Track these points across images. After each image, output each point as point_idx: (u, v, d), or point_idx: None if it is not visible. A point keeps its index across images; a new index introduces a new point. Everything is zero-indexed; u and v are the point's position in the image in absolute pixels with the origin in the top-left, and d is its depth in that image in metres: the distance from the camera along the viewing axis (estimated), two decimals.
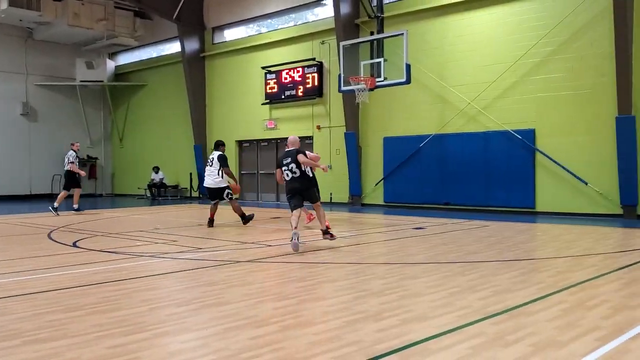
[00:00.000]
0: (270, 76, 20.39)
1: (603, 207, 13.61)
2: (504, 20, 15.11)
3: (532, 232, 10.98)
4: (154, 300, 5.32)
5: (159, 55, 25.72)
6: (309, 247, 8.89)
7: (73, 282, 6.17)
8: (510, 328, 4.24)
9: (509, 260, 7.43)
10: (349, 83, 14.79)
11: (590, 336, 4.04)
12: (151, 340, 4.04)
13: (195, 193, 23.52)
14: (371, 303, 5.07)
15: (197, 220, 14.21)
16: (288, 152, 9.26)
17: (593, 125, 13.74)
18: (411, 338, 4.01)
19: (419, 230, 11.17)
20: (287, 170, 9.10)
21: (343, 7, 17.35)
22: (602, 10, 13.52)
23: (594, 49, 13.69)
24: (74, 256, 8.15)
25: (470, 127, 15.78)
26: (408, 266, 7.08)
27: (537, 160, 14.61)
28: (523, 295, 5.31)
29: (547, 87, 14.43)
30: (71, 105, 26.34)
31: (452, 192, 16.09)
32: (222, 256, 7.99)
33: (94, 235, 10.64)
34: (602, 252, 8.05)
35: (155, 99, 25.54)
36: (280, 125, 20.57)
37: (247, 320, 4.54)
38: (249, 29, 21.97)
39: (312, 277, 6.42)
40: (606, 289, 5.63)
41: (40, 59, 25.40)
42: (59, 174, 25.90)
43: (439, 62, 16.26)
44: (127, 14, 24.66)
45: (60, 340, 4.03)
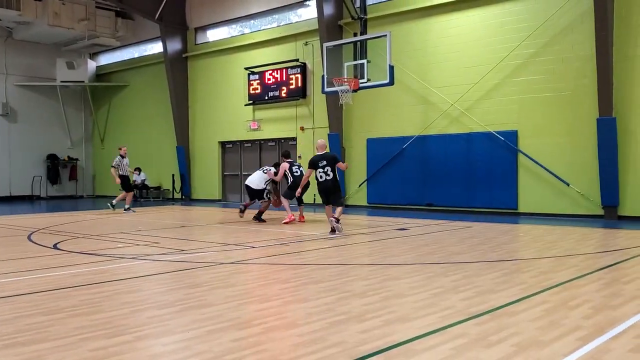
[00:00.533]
0: (254, 77, 20.33)
1: (584, 208, 13.77)
2: (486, 22, 15.23)
3: (515, 233, 11.07)
4: (136, 302, 5.26)
5: (141, 55, 25.52)
6: (292, 249, 8.87)
7: (54, 284, 6.08)
8: (493, 328, 4.26)
9: (492, 260, 7.48)
10: (332, 84, 14.80)
11: (572, 336, 4.08)
12: (133, 343, 4.00)
13: (177, 194, 23.36)
14: (354, 304, 5.06)
15: (179, 221, 14.12)
16: (323, 156, 11.01)
17: (574, 126, 13.90)
18: (395, 339, 4.01)
19: (402, 231, 11.20)
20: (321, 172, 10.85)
21: (326, 8, 17.37)
22: (583, 13, 13.69)
23: (575, 51, 13.85)
24: (54, 258, 8.04)
25: (453, 129, 15.87)
26: (391, 267, 7.10)
27: (520, 161, 14.74)
28: (506, 296, 5.34)
29: (529, 88, 14.57)
30: (52, 106, 26.02)
31: (435, 193, 16.17)
32: (204, 258, 7.93)
33: (75, 237, 10.52)
34: (584, 253, 8.13)
35: (137, 100, 25.33)
36: (264, 126, 20.52)
37: (230, 322, 4.51)
38: (232, 29, 21.90)
39: (296, 278, 6.40)
40: (588, 289, 5.69)
41: (20, 58, 25.06)
42: (39, 175, 25.62)
43: (422, 63, 16.34)
44: (108, 14, 24.45)
45: (42, 343, 3.97)
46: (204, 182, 22.67)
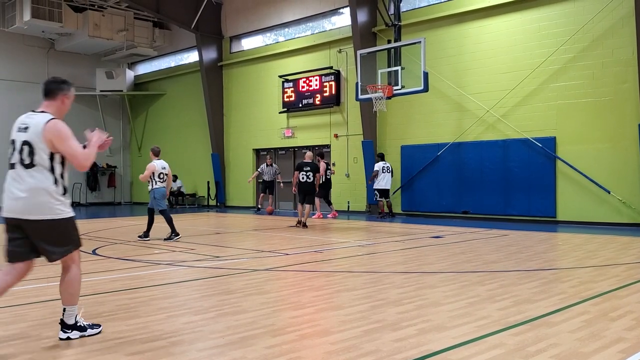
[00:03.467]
0: (288, 85, 20.46)
1: (626, 216, 13.39)
2: (523, 27, 15.00)
3: (553, 242, 10.83)
4: (172, 308, 5.32)
5: (178, 64, 25.98)
6: (325, 256, 8.86)
7: (92, 289, 6.20)
8: (531, 339, 4.17)
9: (530, 270, 7.32)
10: (366, 91, 14.78)
11: (613, 348, 3.95)
12: (168, 348, 4.04)
13: (212, 201, 23.63)
14: (389, 312, 5.02)
15: (214, 228, 14.26)
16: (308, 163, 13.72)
17: (615, 132, 13.54)
18: (430, 348, 3.96)
19: (437, 239, 11.07)
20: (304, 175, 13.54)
21: (360, 15, 17.38)
22: (623, 17, 13.37)
23: (615, 55, 13.52)
24: (93, 264, 8.21)
25: (489, 135, 15.65)
26: (426, 275, 7.01)
27: (558, 168, 14.43)
28: (544, 306, 5.22)
29: (567, 94, 14.27)
30: (91, 115, 26.68)
31: (470, 200, 15.95)
32: (239, 265, 7.99)
33: (113, 243, 10.72)
34: (626, 262, 7.90)
35: (174, 108, 25.76)
36: (298, 134, 20.61)
37: (264, 329, 4.52)
38: (267, 38, 22.10)
39: (329, 285, 6.38)
40: (630, 299, 5.51)
41: (61, 69, 25.76)
42: (79, 182, 26.27)
43: (457, 69, 16.18)
44: (146, 24, 24.97)
45: (80, 347, 4.05)
46: (239, 189, 22.87)
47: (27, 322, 4.78)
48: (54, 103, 4.28)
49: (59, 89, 4.31)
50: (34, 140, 4.07)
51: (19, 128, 4.17)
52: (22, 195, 4.06)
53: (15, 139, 4.15)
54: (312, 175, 13.58)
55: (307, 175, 13.56)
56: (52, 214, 4.11)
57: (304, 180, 13.57)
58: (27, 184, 4.06)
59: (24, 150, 4.09)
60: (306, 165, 13.69)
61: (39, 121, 4.10)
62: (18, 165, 4.11)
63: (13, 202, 4.09)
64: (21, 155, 4.10)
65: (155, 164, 11.19)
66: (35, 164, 4.08)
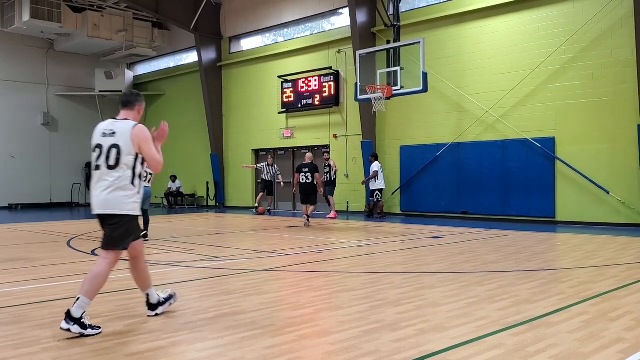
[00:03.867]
0: (287, 85, 20.46)
1: (625, 216, 13.40)
2: (522, 27, 15.01)
3: (552, 242, 10.83)
4: (170, 308, 5.31)
5: (177, 65, 25.98)
6: (325, 257, 8.86)
7: None
8: (531, 339, 4.17)
9: (529, 270, 7.33)
10: (365, 92, 14.78)
11: (613, 348, 3.95)
12: (167, 348, 4.04)
13: (211, 202, 23.63)
14: (388, 313, 5.02)
15: (213, 229, 14.26)
16: (307, 164, 14.21)
17: (614, 133, 13.56)
18: (429, 349, 3.96)
19: (436, 239, 11.08)
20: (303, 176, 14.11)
21: (359, 16, 17.39)
22: (622, 18, 13.38)
23: (614, 55, 13.53)
24: (92, 264, 8.19)
25: (488, 136, 15.66)
26: (425, 276, 7.02)
27: (557, 168, 14.44)
28: (543, 306, 5.22)
29: (566, 94, 14.28)
30: (91, 115, 26.66)
31: (469, 201, 15.96)
32: (238, 265, 7.99)
33: None
34: (625, 263, 7.90)
35: (173, 109, 25.75)
36: (297, 134, 20.61)
37: (263, 329, 4.52)
38: (266, 38, 22.10)
39: (329, 286, 6.38)
40: (629, 300, 5.51)
41: (60, 69, 25.81)
42: (78, 182, 26.26)
43: (456, 70, 16.19)
44: (145, 24, 24.97)
45: (79, 347, 4.04)
46: (238, 189, 22.87)
47: (26, 323, 4.77)
48: (132, 113, 4.90)
49: (136, 101, 4.96)
50: (122, 144, 4.60)
51: (104, 133, 4.69)
52: (105, 193, 4.60)
53: (102, 144, 4.66)
54: (312, 176, 14.08)
55: (306, 177, 14.09)
56: (124, 210, 4.63)
57: (303, 182, 14.11)
58: (109, 183, 4.59)
59: (112, 152, 4.61)
60: (305, 167, 14.21)
61: (126, 127, 4.66)
62: (103, 166, 4.62)
63: (98, 199, 4.63)
64: (108, 157, 4.61)
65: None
66: (120, 165, 4.60)
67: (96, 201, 4.64)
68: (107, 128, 4.70)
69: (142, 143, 4.66)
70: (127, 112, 4.88)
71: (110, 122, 4.77)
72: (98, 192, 4.62)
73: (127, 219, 4.66)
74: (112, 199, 4.58)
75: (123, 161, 4.59)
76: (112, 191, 4.58)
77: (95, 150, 4.68)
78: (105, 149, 4.63)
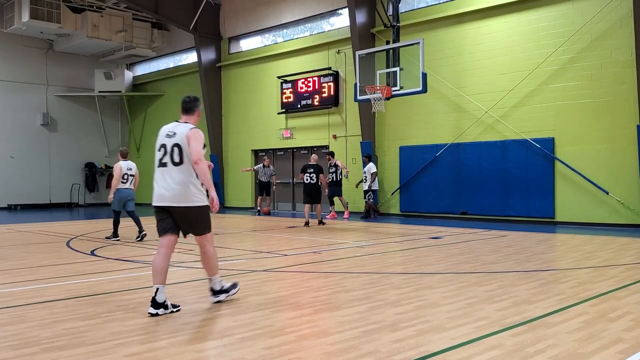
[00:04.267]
0: (286, 85, 20.47)
1: (624, 217, 13.40)
2: (521, 28, 15.02)
3: (552, 243, 10.83)
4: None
5: (176, 65, 25.98)
6: (324, 257, 8.86)
7: (91, 290, 6.20)
8: (530, 340, 4.17)
9: (529, 270, 7.33)
10: (365, 92, 14.78)
11: (612, 349, 3.95)
12: (167, 349, 4.04)
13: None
14: (387, 313, 5.02)
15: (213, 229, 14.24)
16: (312, 165, 14.41)
17: (614, 133, 13.56)
18: (428, 349, 3.96)
19: (435, 239, 11.08)
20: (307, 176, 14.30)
21: (359, 16, 17.39)
22: (621, 18, 13.39)
23: (614, 56, 13.54)
24: (91, 264, 8.21)
25: (487, 136, 15.67)
26: (424, 276, 7.02)
27: (557, 169, 14.45)
28: (543, 307, 5.22)
29: (566, 95, 14.29)
30: (90, 116, 26.71)
31: (469, 201, 15.96)
32: (238, 265, 7.98)
33: (112, 244, 10.72)
34: (624, 263, 7.91)
35: (172, 109, 25.70)
36: (296, 135, 20.61)
37: (262, 329, 4.52)
38: (265, 38, 22.10)
39: (328, 286, 6.38)
40: (628, 300, 5.52)
41: (60, 70, 25.80)
42: (77, 183, 26.25)
43: (456, 70, 16.20)
44: (145, 25, 24.98)
45: (79, 347, 4.04)
46: (238, 190, 22.86)
47: (26, 323, 4.77)
48: (192, 117, 5.56)
49: (196, 106, 5.63)
50: (182, 143, 5.19)
51: (167, 135, 5.31)
52: (173, 187, 5.17)
53: (166, 143, 5.26)
54: (316, 176, 14.28)
55: (310, 177, 14.27)
56: (195, 202, 5.23)
57: (307, 182, 14.28)
58: (177, 178, 5.17)
59: (175, 151, 5.20)
60: (310, 168, 14.39)
61: (185, 128, 5.30)
62: (169, 163, 5.21)
63: (165, 193, 5.20)
64: (172, 156, 5.20)
65: (122, 165, 11.23)
66: (183, 162, 5.19)
67: (166, 195, 5.19)
68: (170, 130, 5.33)
69: (192, 140, 5.20)
70: (188, 117, 5.52)
71: (173, 124, 5.40)
72: (167, 187, 5.19)
73: (201, 208, 5.29)
74: (183, 193, 5.16)
75: (185, 159, 5.18)
76: (182, 186, 5.16)
77: (160, 149, 5.28)
78: (169, 148, 5.22)
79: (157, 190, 5.27)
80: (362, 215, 17.01)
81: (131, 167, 11.28)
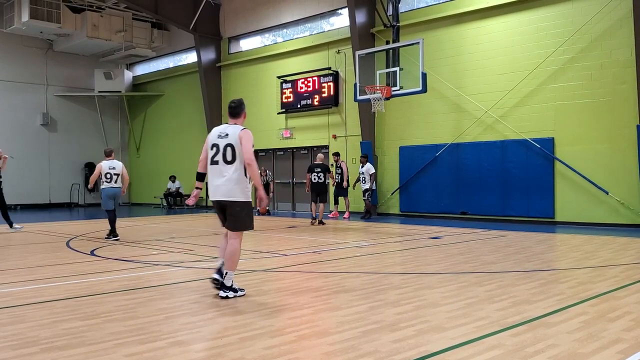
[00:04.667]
0: (286, 85, 20.46)
1: (624, 216, 13.40)
2: (521, 28, 15.02)
3: (552, 242, 10.84)
4: (170, 309, 5.32)
5: (176, 65, 25.98)
6: (324, 257, 8.86)
7: (90, 290, 6.20)
8: (530, 340, 4.17)
9: (528, 270, 7.33)
10: (364, 92, 14.78)
11: (612, 349, 3.95)
12: (167, 349, 4.04)
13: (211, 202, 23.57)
14: (387, 313, 5.02)
15: (212, 229, 14.25)
16: (319, 164, 14.82)
17: (613, 133, 13.56)
18: (428, 349, 3.96)
19: (435, 239, 11.08)
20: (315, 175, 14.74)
21: (359, 16, 17.39)
22: (621, 18, 13.39)
23: (613, 56, 13.54)
24: (91, 264, 8.20)
25: (487, 136, 15.67)
26: (424, 276, 7.02)
27: (557, 169, 14.45)
28: (543, 307, 5.22)
29: (566, 95, 14.29)
30: (90, 115, 26.69)
31: (469, 201, 15.96)
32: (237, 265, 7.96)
33: (112, 244, 10.72)
34: (624, 263, 7.91)
35: (172, 109, 25.76)
36: (296, 135, 20.61)
37: (262, 329, 4.52)
38: (265, 38, 22.10)
39: (328, 286, 6.38)
40: (628, 300, 5.52)
41: (59, 70, 25.78)
42: (77, 183, 26.24)
43: (456, 70, 16.20)
44: (144, 25, 24.97)
45: (78, 347, 4.04)
46: None
47: (26, 323, 4.77)
48: (239, 119, 6.03)
49: (241, 110, 6.08)
50: (235, 143, 5.72)
51: (219, 135, 5.84)
52: (225, 183, 5.73)
53: (218, 143, 5.81)
54: (323, 175, 14.77)
55: (318, 176, 14.74)
56: (239, 198, 5.75)
57: (315, 181, 14.74)
58: (228, 175, 5.72)
59: (227, 150, 5.75)
60: (317, 167, 14.85)
61: (236, 129, 5.81)
62: (221, 162, 5.76)
63: (218, 188, 5.79)
64: (224, 154, 5.74)
65: (103, 164, 11.39)
66: (234, 161, 5.72)
67: (219, 191, 5.77)
68: (222, 131, 5.86)
69: (244, 140, 5.72)
70: (236, 120, 6.00)
71: (224, 126, 5.92)
72: (219, 183, 5.75)
73: (244, 204, 5.78)
74: (234, 189, 5.70)
75: (237, 157, 5.70)
76: (233, 182, 5.70)
77: (213, 148, 5.83)
78: (222, 147, 5.76)
79: (211, 186, 5.87)
80: (362, 215, 16.99)
81: (115, 166, 11.42)
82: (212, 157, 5.84)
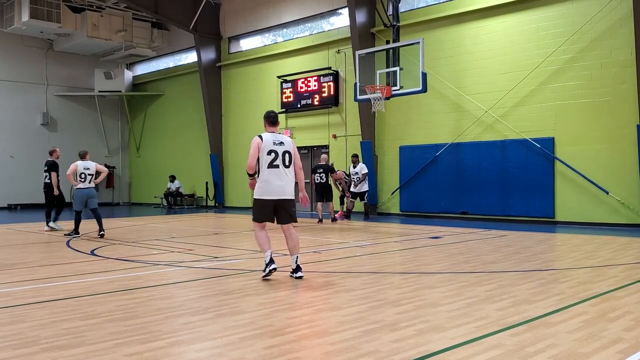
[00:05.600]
0: (286, 85, 20.46)
1: (624, 216, 13.41)
2: (521, 27, 15.02)
3: (552, 242, 10.83)
4: (170, 308, 5.32)
5: (176, 65, 25.98)
6: (324, 257, 8.86)
7: (90, 289, 6.20)
8: (530, 339, 4.17)
9: (528, 270, 7.33)
10: (365, 92, 14.77)
11: (612, 349, 3.95)
12: (167, 348, 4.03)
13: (211, 202, 23.62)
14: (387, 313, 5.02)
15: (213, 229, 14.25)
16: (322, 165, 15.40)
17: (613, 133, 13.56)
18: (428, 349, 3.96)
19: (435, 239, 11.08)
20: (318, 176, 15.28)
21: (359, 16, 17.39)
22: (621, 18, 13.39)
23: (614, 56, 13.55)
24: (91, 264, 8.20)
25: (487, 136, 15.67)
26: (424, 276, 7.02)
27: (557, 168, 14.45)
28: (543, 306, 5.22)
29: (566, 95, 14.29)
30: (90, 115, 26.69)
31: (469, 201, 15.96)
32: (237, 265, 7.98)
33: (111, 244, 10.71)
34: (624, 263, 7.91)
35: (172, 109, 25.76)
36: (297, 134, 20.61)
37: (262, 329, 4.51)
38: (265, 38, 22.10)
39: (328, 286, 6.38)
40: (628, 300, 5.52)
41: (60, 69, 25.79)
42: None
43: (456, 70, 16.20)
44: (144, 25, 24.97)
45: (79, 347, 4.04)
46: (238, 189, 22.86)
47: (25, 323, 4.77)
48: (277, 127, 7.06)
49: (278, 119, 7.14)
50: (292, 151, 6.85)
51: (274, 142, 6.76)
52: (286, 184, 6.74)
53: (277, 150, 6.72)
54: (326, 176, 15.27)
55: (321, 177, 15.27)
56: (293, 196, 6.85)
57: (318, 181, 15.27)
58: (288, 177, 6.77)
59: (286, 156, 6.76)
60: (320, 168, 15.39)
61: (288, 139, 6.92)
62: (281, 166, 6.72)
63: (279, 189, 6.71)
64: (284, 160, 6.74)
65: (78, 164, 11.81)
66: (291, 165, 6.82)
67: (282, 190, 6.71)
68: (276, 139, 6.78)
69: (295, 149, 6.93)
70: (275, 128, 7.00)
71: (274, 135, 6.85)
72: (282, 184, 6.70)
73: (294, 200, 6.91)
74: (290, 187, 6.77)
75: (292, 163, 6.82)
76: (291, 183, 6.76)
77: (270, 154, 6.67)
78: (280, 153, 6.71)
79: (274, 187, 6.69)
80: (362, 215, 16.99)
81: (89, 166, 11.74)
82: (270, 161, 6.67)
